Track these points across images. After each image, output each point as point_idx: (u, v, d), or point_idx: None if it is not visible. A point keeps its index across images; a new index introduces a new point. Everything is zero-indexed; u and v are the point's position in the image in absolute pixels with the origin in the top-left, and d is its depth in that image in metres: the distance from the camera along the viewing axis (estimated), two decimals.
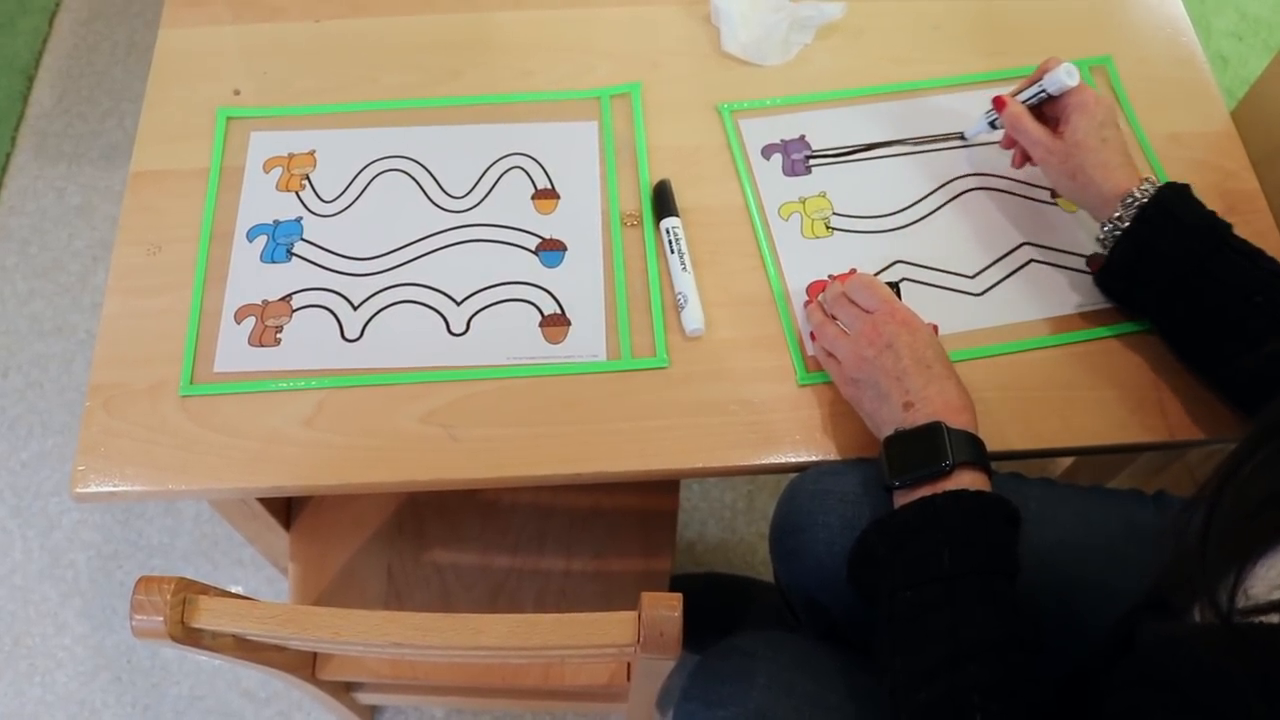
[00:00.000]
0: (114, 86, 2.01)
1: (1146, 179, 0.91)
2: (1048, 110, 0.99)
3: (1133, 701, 0.66)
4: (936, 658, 0.71)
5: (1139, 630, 0.71)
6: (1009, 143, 1.04)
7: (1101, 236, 0.92)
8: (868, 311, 0.90)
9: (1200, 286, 0.87)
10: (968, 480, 0.79)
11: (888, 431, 0.84)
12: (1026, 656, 0.71)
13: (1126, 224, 0.90)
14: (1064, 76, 0.95)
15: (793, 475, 0.94)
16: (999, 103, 1.00)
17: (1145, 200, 0.89)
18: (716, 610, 1.38)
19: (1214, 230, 0.88)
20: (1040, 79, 0.98)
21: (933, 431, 0.81)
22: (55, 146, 1.94)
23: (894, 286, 0.99)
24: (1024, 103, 0.99)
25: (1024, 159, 1.03)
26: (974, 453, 0.80)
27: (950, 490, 0.78)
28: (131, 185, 1.06)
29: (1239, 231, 1.00)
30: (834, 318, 0.93)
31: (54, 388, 1.70)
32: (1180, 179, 1.05)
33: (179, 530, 1.59)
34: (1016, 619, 0.73)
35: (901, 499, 0.80)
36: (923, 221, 1.04)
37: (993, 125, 1.04)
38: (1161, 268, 0.88)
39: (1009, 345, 0.97)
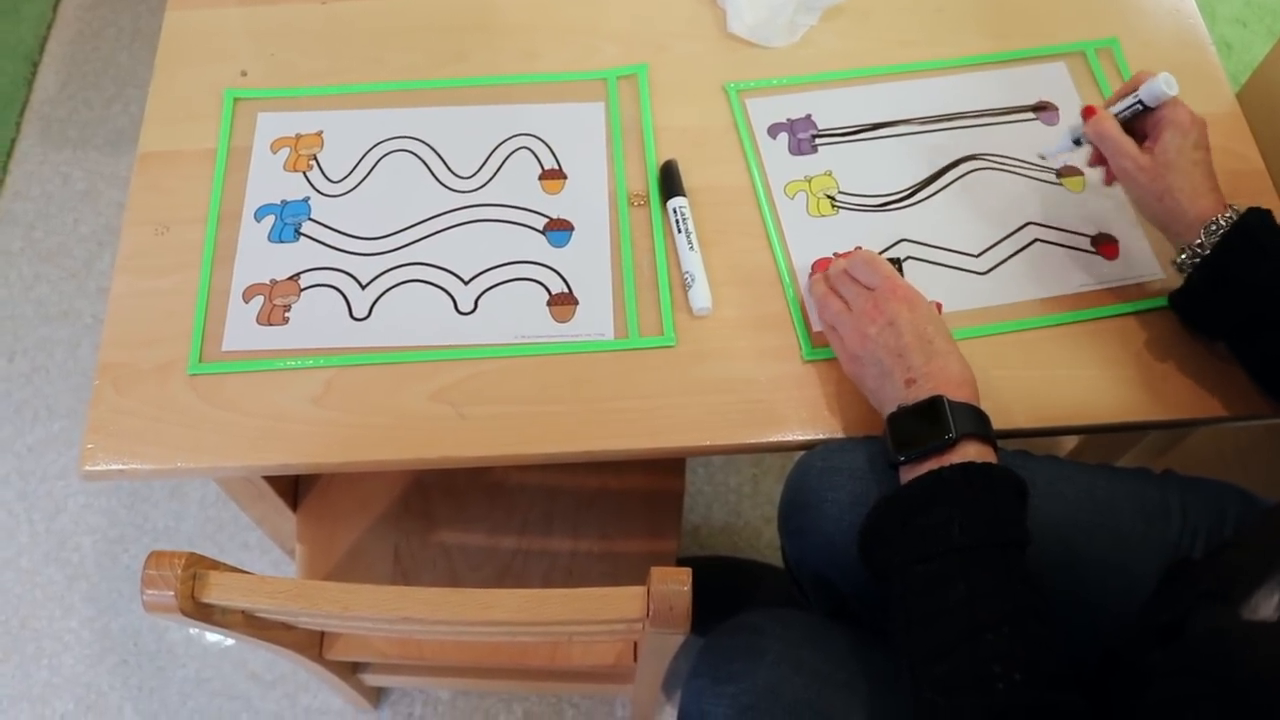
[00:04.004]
0: (119, 72, 2.01)
1: (1231, 205, 0.88)
2: (1136, 125, 0.94)
3: (1182, 690, 0.66)
4: (953, 630, 0.71)
5: (1192, 619, 0.71)
6: (1097, 158, 0.99)
7: (1179, 261, 0.89)
8: (870, 288, 0.90)
9: (1275, 309, 0.84)
10: (973, 452, 0.79)
11: (890, 409, 0.84)
12: (1042, 626, 0.71)
13: (1208, 251, 0.87)
14: (1163, 86, 0.90)
15: (800, 454, 0.95)
16: (1088, 111, 0.95)
17: (1228, 226, 0.86)
18: (722, 593, 1.39)
19: None
20: (1135, 90, 0.93)
21: (934, 405, 0.81)
22: (60, 132, 1.94)
23: (896, 263, 0.99)
24: (1116, 115, 0.94)
25: (1114, 176, 0.97)
26: (977, 425, 0.80)
27: (959, 463, 0.78)
28: (139, 166, 1.06)
29: None
30: (838, 294, 0.93)
31: (59, 372, 1.71)
32: None
33: (185, 514, 1.59)
34: (1029, 590, 0.73)
35: (908, 474, 0.80)
36: (927, 200, 1.05)
37: (1076, 143, 0.99)
38: (1243, 295, 0.86)
39: (1014, 324, 0.97)
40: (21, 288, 1.78)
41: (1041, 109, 1.10)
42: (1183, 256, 0.89)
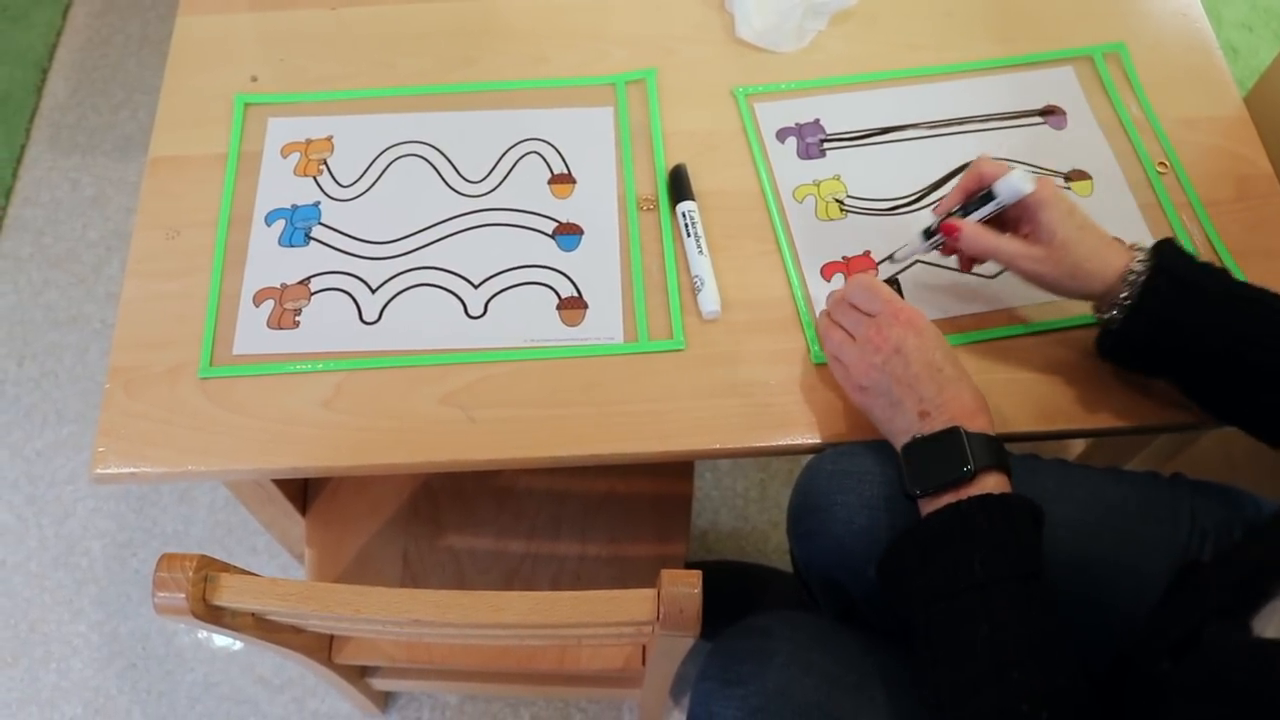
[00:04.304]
0: (127, 79, 2.02)
1: (1132, 246, 0.87)
2: (999, 218, 0.91)
3: (1200, 713, 0.66)
4: (980, 668, 0.71)
5: (1207, 634, 0.71)
6: (950, 251, 0.95)
7: (1108, 317, 0.87)
8: (871, 314, 0.88)
9: (1219, 342, 0.83)
10: (991, 484, 0.78)
11: (903, 440, 0.83)
12: (1064, 653, 0.71)
13: (1134, 300, 0.84)
14: (1020, 185, 0.87)
15: (808, 458, 0.95)
16: (950, 230, 0.91)
17: (1149, 271, 0.84)
18: (730, 598, 1.39)
19: (1217, 280, 0.85)
20: (984, 190, 0.90)
21: (952, 437, 0.79)
22: (69, 138, 1.95)
23: (894, 284, 0.98)
24: (981, 220, 0.90)
25: (970, 263, 0.95)
26: (994, 455, 0.79)
27: (977, 496, 0.77)
28: (150, 170, 1.06)
29: (1253, 216, 1.01)
30: (839, 325, 0.91)
31: (68, 377, 1.71)
32: (1195, 164, 1.06)
33: (193, 518, 1.60)
34: (1052, 620, 0.73)
35: (927, 507, 0.79)
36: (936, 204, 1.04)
37: (928, 233, 0.95)
38: (1176, 333, 0.84)
39: (1022, 327, 0.97)
40: (31, 293, 1.79)
41: (1049, 113, 1.10)
42: (1112, 313, 0.86)
